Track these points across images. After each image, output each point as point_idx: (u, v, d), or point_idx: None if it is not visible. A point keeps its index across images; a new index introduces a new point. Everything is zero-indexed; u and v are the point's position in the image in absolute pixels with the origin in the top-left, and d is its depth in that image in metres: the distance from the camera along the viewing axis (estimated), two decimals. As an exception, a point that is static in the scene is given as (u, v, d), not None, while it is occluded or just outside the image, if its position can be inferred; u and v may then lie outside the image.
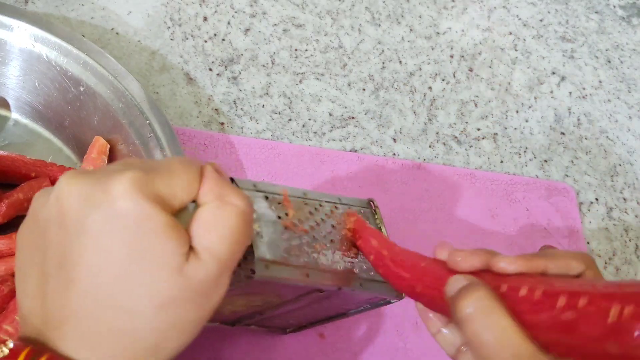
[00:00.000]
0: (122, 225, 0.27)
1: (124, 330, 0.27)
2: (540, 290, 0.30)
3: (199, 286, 0.28)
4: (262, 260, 0.35)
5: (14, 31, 0.52)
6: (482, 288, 0.31)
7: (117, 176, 0.27)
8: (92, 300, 0.27)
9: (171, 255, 0.27)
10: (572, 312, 0.28)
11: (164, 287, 0.27)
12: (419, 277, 0.35)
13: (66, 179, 0.28)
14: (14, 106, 0.56)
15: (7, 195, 0.49)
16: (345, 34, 0.71)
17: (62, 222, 0.28)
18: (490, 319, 0.30)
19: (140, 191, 0.27)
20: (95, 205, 0.27)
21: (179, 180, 0.29)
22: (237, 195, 0.30)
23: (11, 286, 0.46)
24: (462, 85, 0.71)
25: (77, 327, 0.28)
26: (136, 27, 0.65)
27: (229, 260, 0.29)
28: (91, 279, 0.27)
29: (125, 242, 0.27)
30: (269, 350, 0.52)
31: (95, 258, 0.27)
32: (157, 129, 0.50)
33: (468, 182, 0.65)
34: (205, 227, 0.29)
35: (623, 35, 0.80)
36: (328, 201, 0.40)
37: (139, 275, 0.27)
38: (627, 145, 0.72)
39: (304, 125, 0.64)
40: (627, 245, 0.66)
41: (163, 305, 0.27)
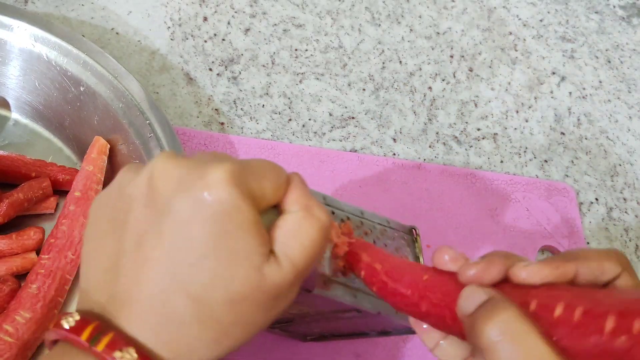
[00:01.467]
0: (211, 214, 0.27)
1: (190, 318, 0.27)
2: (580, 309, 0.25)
3: (272, 289, 0.28)
4: (322, 275, 0.35)
5: (14, 31, 0.52)
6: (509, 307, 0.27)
7: (215, 164, 0.27)
8: (165, 283, 0.27)
9: (253, 252, 0.27)
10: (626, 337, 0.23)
11: (239, 283, 0.27)
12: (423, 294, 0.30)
13: (163, 159, 0.28)
14: (14, 106, 0.56)
15: (7, 195, 0.49)
16: (345, 34, 0.71)
17: (151, 200, 0.28)
18: (522, 346, 0.26)
19: (236, 183, 0.27)
20: (188, 189, 0.27)
21: (270, 182, 0.29)
22: (321, 210, 0.30)
23: (12, 286, 0.46)
24: (462, 85, 0.71)
25: (145, 308, 0.27)
26: (136, 27, 0.65)
27: (304, 270, 0.29)
28: (168, 261, 0.27)
29: (210, 231, 0.27)
30: (279, 349, 0.52)
31: (177, 241, 0.27)
32: (157, 129, 0.50)
33: (468, 182, 0.65)
34: (290, 234, 0.29)
35: (623, 35, 0.80)
36: (379, 223, 0.40)
37: (217, 266, 0.27)
38: (627, 145, 0.72)
39: (304, 125, 0.64)
40: (627, 245, 0.66)
41: (234, 301, 0.27)
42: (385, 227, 0.40)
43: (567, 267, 0.28)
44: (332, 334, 0.48)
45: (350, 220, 0.38)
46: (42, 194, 0.50)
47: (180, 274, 0.27)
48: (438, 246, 0.32)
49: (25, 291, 0.46)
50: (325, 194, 0.38)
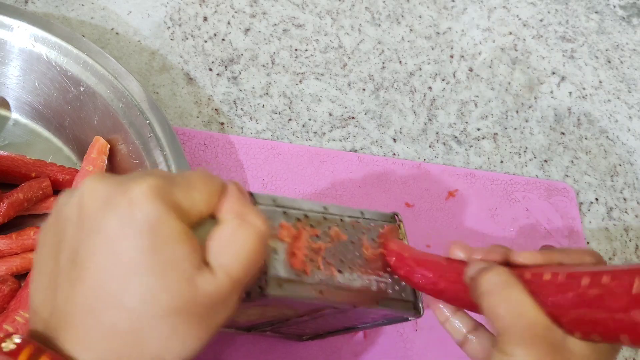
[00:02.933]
0: (137, 229, 0.27)
1: (126, 333, 0.27)
2: (563, 273, 0.32)
3: (207, 300, 0.28)
4: (276, 278, 0.35)
5: (14, 31, 0.52)
6: (501, 267, 0.34)
7: (138, 181, 0.28)
8: (98, 298, 0.27)
9: (183, 263, 0.28)
10: (597, 288, 0.30)
11: (171, 294, 0.27)
12: (442, 274, 0.37)
13: (90, 180, 0.29)
14: (14, 106, 0.56)
15: (7, 195, 0.49)
16: (345, 34, 0.71)
17: (80, 220, 0.28)
18: (508, 292, 0.32)
19: (158, 197, 0.28)
20: (113, 207, 0.28)
21: (198, 192, 0.30)
22: (257, 216, 0.30)
23: (12, 286, 0.46)
24: (462, 85, 0.71)
25: (81, 324, 0.28)
26: (136, 27, 0.65)
27: (241, 279, 0.29)
28: (99, 277, 0.27)
29: (137, 245, 0.27)
30: (274, 351, 0.52)
31: (106, 258, 0.27)
32: (157, 129, 0.50)
33: (468, 182, 0.65)
34: (223, 243, 0.29)
35: (623, 35, 0.80)
36: (350, 216, 0.40)
37: (147, 279, 0.27)
38: (627, 145, 0.72)
39: (304, 125, 0.64)
40: (627, 245, 0.66)
41: (168, 313, 0.27)
42: (358, 219, 0.40)
43: (554, 256, 0.35)
44: (326, 332, 0.48)
45: (309, 218, 0.38)
46: (42, 194, 0.50)
47: (112, 289, 0.27)
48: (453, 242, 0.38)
49: (25, 291, 0.46)
50: (276, 195, 0.38)
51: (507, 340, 0.31)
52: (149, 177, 0.28)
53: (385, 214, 0.42)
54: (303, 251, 0.36)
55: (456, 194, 0.63)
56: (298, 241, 0.36)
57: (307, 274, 0.36)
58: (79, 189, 0.29)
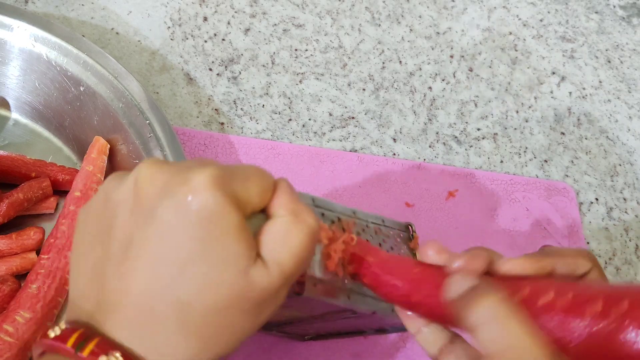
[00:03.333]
0: (195, 218, 0.27)
1: (176, 325, 0.27)
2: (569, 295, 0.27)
3: (259, 294, 0.28)
4: (312, 278, 0.35)
5: (14, 31, 0.52)
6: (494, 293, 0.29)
7: (199, 169, 0.27)
8: (151, 289, 0.27)
9: (239, 256, 0.27)
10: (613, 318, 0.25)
11: (225, 288, 0.27)
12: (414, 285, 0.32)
13: (147, 164, 0.28)
14: (14, 106, 0.56)
15: (7, 195, 0.49)
16: (345, 34, 0.71)
17: (135, 206, 0.28)
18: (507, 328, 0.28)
19: (220, 187, 0.27)
20: (172, 195, 0.27)
21: (255, 186, 0.29)
22: (309, 214, 0.30)
23: (12, 286, 0.46)
24: (462, 85, 0.71)
25: (131, 314, 0.27)
26: (136, 27, 0.65)
27: (292, 275, 0.29)
28: (153, 267, 0.27)
29: (194, 236, 0.27)
30: (277, 350, 0.52)
31: (162, 247, 0.27)
32: (157, 129, 0.50)
33: (468, 182, 0.65)
34: (277, 239, 0.29)
35: (623, 35, 0.80)
36: (373, 222, 0.40)
37: (203, 271, 0.27)
38: (627, 145, 0.72)
39: (304, 125, 0.64)
40: (627, 245, 0.67)
41: (221, 306, 0.27)
42: (380, 226, 0.40)
43: (545, 262, 0.31)
44: (329, 333, 0.48)
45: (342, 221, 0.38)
46: (42, 194, 0.50)
47: (166, 280, 0.27)
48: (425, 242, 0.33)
49: (25, 291, 0.46)
50: (315, 196, 0.38)
51: None
52: (209, 166, 0.28)
53: (400, 223, 0.42)
54: (338, 254, 0.36)
55: (456, 194, 0.63)
56: (334, 243, 0.36)
57: (339, 277, 0.36)
58: (133, 174, 0.28)
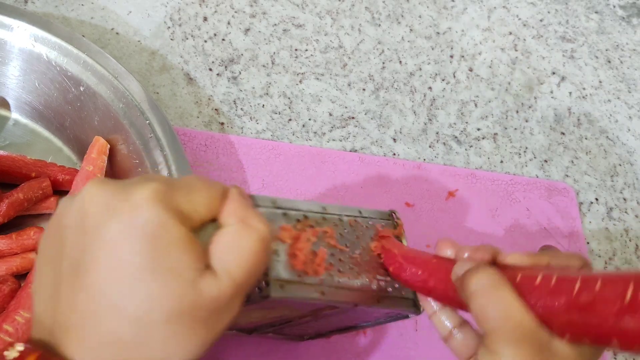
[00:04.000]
0: (139, 234, 0.27)
1: (128, 340, 0.27)
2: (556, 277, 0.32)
3: (210, 304, 0.28)
4: (278, 280, 0.35)
5: (14, 31, 0.52)
6: (489, 267, 0.33)
7: (139, 186, 0.28)
8: (101, 306, 0.27)
9: (185, 267, 0.27)
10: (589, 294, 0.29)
11: (174, 300, 0.27)
12: (431, 272, 0.37)
13: (91, 185, 0.29)
14: (14, 106, 0.56)
15: (7, 195, 0.49)
16: (345, 34, 0.71)
17: (82, 226, 0.28)
18: (497, 293, 0.32)
19: (160, 202, 0.27)
20: (115, 212, 0.27)
21: (200, 196, 0.30)
22: (259, 220, 0.30)
23: (12, 286, 0.46)
24: (462, 85, 0.71)
25: (83, 332, 0.28)
26: (136, 27, 0.65)
27: (245, 283, 0.29)
28: (101, 285, 0.27)
29: (139, 251, 0.27)
30: (275, 352, 0.52)
31: (108, 264, 0.27)
32: (157, 129, 0.50)
33: (468, 182, 0.65)
34: (226, 247, 0.29)
35: (623, 35, 0.80)
36: (348, 215, 0.40)
37: (150, 285, 0.27)
38: (627, 145, 0.72)
39: (304, 125, 0.64)
40: (627, 245, 0.67)
41: (171, 318, 0.27)
42: (356, 218, 0.40)
43: (542, 258, 0.35)
44: (328, 331, 0.48)
45: (308, 218, 0.38)
46: (42, 194, 0.50)
47: (115, 296, 0.27)
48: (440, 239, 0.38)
49: (25, 291, 0.46)
50: (276, 197, 0.38)
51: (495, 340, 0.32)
52: (151, 182, 0.28)
53: (382, 212, 0.42)
54: (304, 252, 0.36)
55: (456, 194, 0.63)
56: (298, 242, 0.37)
57: (308, 275, 0.36)
58: (79, 195, 0.29)
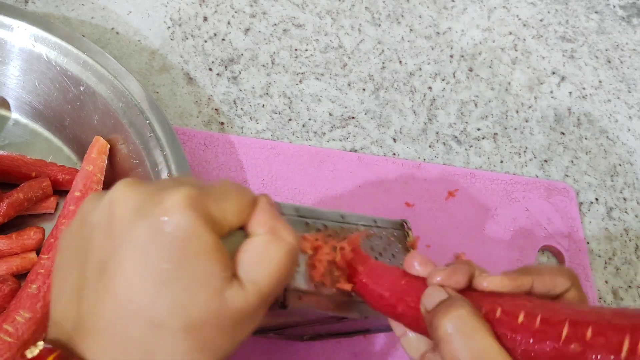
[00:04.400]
0: (168, 240, 0.27)
1: (152, 347, 0.27)
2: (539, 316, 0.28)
3: (234, 314, 0.28)
4: (297, 290, 0.35)
5: (14, 31, 0.52)
6: (464, 305, 0.30)
7: (172, 190, 0.27)
8: (125, 311, 0.27)
9: (213, 277, 0.27)
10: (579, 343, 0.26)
11: (199, 308, 0.27)
12: (400, 296, 0.33)
13: (122, 186, 0.28)
14: (14, 106, 0.56)
15: (7, 195, 0.49)
16: (345, 34, 0.71)
17: (110, 228, 0.28)
18: (472, 341, 0.28)
19: (193, 208, 0.27)
20: (145, 216, 0.27)
21: (232, 204, 0.29)
22: (288, 231, 0.30)
23: (12, 286, 0.46)
24: (462, 85, 0.71)
25: (106, 337, 0.27)
26: (136, 27, 0.65)
27: (270, 294, 0.29)
28: (127, 290, 0.27)
29: (167, 257, 0.27)
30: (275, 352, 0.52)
31: (135, 269, 0.27)
32: (157, 129, 0.50)
33: (468, 182, 0.65)
34: (254, 258, 0.29)
35: (623, 35, 0.80)
36: (364, 224, 0.40)
37: (176, 292, 0.27)
38: (627, 145, 0.72)
39: (304, 125, 0.64)
40: (627, 245, 0.66)
41: (195, 327, 0.27)
42: (371, 227, 0.40)
43: (524, 280, 0.32)
44: (328, 334, 0.48)
45: (329, 228, 0.38)
46: (42, 194, 0.50)
47: (140, 302, 0.27)
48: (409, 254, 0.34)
49: (25, 291, 0.46)
50: (299, 205, 0.37)
51: None
52: (183, 187, 0.28)
53: (395, 222, 0.41)
54: (323, 264, 0.36)
55: (456, 194, 0.63)
56: (319, 253, 0.36)
57: (325, 287, 0.36)
58: (107, 195, 0.29)
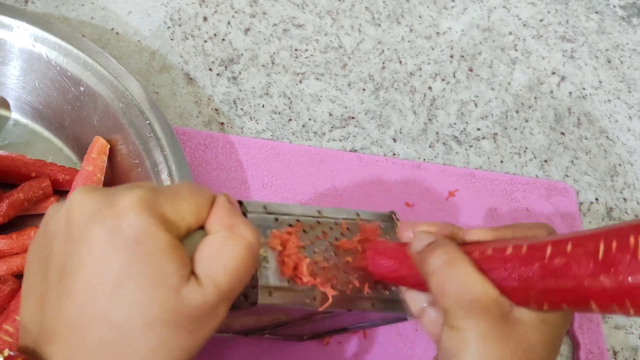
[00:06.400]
0: (123, 241, 0.27)
1: (113, 347, 0.27)
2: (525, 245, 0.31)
3: (193, 311, 0.28)
4: (266, 287, 0.34)
5: (14, 31, 0.52)
6: (447, 243, 0.33)
7: (125, 192, 0.28)
8: (85, 313, 0.27)
9: (169, 275, 0.27)
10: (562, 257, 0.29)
11: (156, 307, 0.27)
12: (401, 262, 0.37)
13: (78, 192, 0.29)
14: (14, 106, 0.56)
15: (7, 195, 0.49)
16: (345, 34, 0.71)
17: (68, 234, 0.28)
18: (454, 269, 0.32)
19: (146, 208, 0.27)
20: (100, 219, 0.27)
21: (187, 203, 0.29)
22: (247, 227, 0.30)
23: (12, 286, 0.46)
24: (462, 85, 0.71)
25: (69, 340, 0.28)
26: (136, 27, 0.65)
27: (230, 291, 0.29)
28: (86, 292, 0.27)
29: (123, 258, 0.27)
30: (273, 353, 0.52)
31: (93, 271, 0.27)
32: (157, 129, 0.50)
33: (468, 182, 0.65)
34: (211, 255, 0.29)
35: (623, 35, 0.80)
36: (345, 218, 0.39)
37: (134, 292, 0.27)
38: (627, 145, 0.72)
39: (304, 125, 0.64)
40: (627, 245, 0.66)
41: (154, 325, 0.27)
42: (353, 220, 0.40)
43: (505, 231, 0.35)
44: (325, 332, 0.48)
45: (301, 223, 0.38)
46: (42, 194, 0.50)
47: (99, 303, 0.27)
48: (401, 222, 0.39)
49: (25, 291, 0.46)
50: (269, 202, 0.37)
51: (454, 316, 0.32)
52: (136, 189, 0.28)
53: (382, 214, 0.41)
54: (294, 259, 0.36)
55: (456, 194, 0.63)
56: (287, 249, 0.36)
57: (298, 281, 0.36)
58: (66, 202, 0.29)
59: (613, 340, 0.61)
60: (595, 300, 0.28)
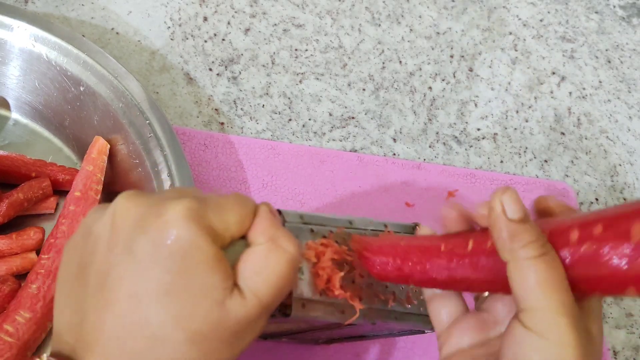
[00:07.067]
0: (169, 252, 0.27)
1: (152, 358, 0.27)
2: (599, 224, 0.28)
3: (235, 324, 0.28)
4: (300, 299, 0.34)
5: (14, 31, 0.52)
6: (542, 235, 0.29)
7: (173, 202, 0.27)
8: (126, 325, 0.27)
9: (214, 288, 0.27)
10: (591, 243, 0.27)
11: (200, 320, 0.27)
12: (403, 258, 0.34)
13: (124, 197, 0.29)
14: (14, 106, 0.56)
15: (7, 195, 0.49)
16: (345, 34, 0.71)
17: (112, 240, 0.28)
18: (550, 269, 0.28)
19: (193, 220, 0.27)
20: (147, 228, 0.27)
21: (233, 215, 0.29)
22: (289, 240, 0.30)
23: (12, 286, 0.46)
24: (462, 85, 0.71)
25: (107, 349, 0.27)
26: (136, 27, 0.65)
27: (270, 304, 0.29)
28: (129, 303, 0.27)
29: (168, 270, 0.27)
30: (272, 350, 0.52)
31: (136, 282, 0.27)
32: (157, 129, 0.50)
33: (468, 182, 0.65)
34: (254, 268, 0.29)
35: (623, 35, 0.80)
36: (373, 229, 0.39)
37: (177, 304, 0.27)
38: (627, 145, 0.72)
39: (304, 125, 0.64)
40: (627, 245, 0.66)
41: (196, 338, 0.27)
42: (381, 232, 0.39)
43: None
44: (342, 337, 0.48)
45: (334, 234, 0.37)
46: (42, 194, 0.50)
47: (141, 315, 0.27)
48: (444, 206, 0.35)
49: (25, 291, 0.46)
50: (304, 212, 0.37)
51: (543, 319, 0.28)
52: (184, 198, 0.28)
53: (406, 225, 0.41)
54: (327, 271, 0.36)
55: (456, 194, 0.63)
56: (321, 261, 0.36)
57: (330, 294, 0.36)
58: (110, 207, 0.29)
59: (614, 340, 0.61)
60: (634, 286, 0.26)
